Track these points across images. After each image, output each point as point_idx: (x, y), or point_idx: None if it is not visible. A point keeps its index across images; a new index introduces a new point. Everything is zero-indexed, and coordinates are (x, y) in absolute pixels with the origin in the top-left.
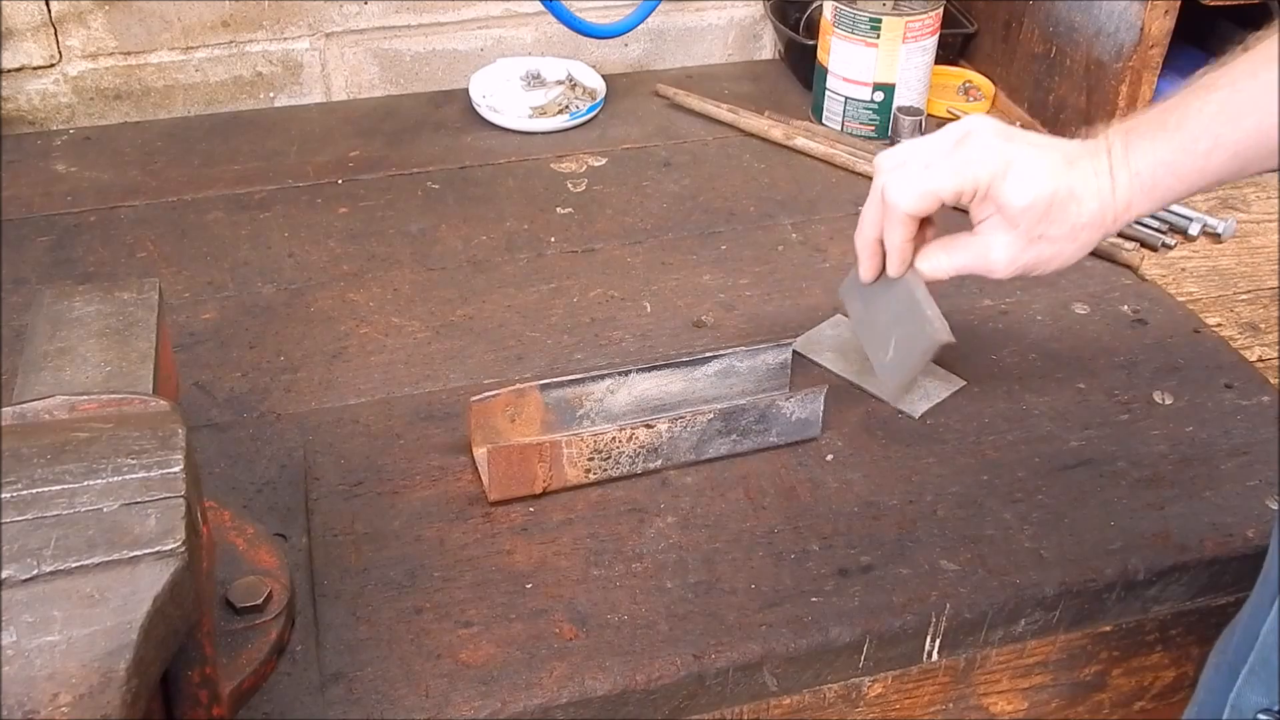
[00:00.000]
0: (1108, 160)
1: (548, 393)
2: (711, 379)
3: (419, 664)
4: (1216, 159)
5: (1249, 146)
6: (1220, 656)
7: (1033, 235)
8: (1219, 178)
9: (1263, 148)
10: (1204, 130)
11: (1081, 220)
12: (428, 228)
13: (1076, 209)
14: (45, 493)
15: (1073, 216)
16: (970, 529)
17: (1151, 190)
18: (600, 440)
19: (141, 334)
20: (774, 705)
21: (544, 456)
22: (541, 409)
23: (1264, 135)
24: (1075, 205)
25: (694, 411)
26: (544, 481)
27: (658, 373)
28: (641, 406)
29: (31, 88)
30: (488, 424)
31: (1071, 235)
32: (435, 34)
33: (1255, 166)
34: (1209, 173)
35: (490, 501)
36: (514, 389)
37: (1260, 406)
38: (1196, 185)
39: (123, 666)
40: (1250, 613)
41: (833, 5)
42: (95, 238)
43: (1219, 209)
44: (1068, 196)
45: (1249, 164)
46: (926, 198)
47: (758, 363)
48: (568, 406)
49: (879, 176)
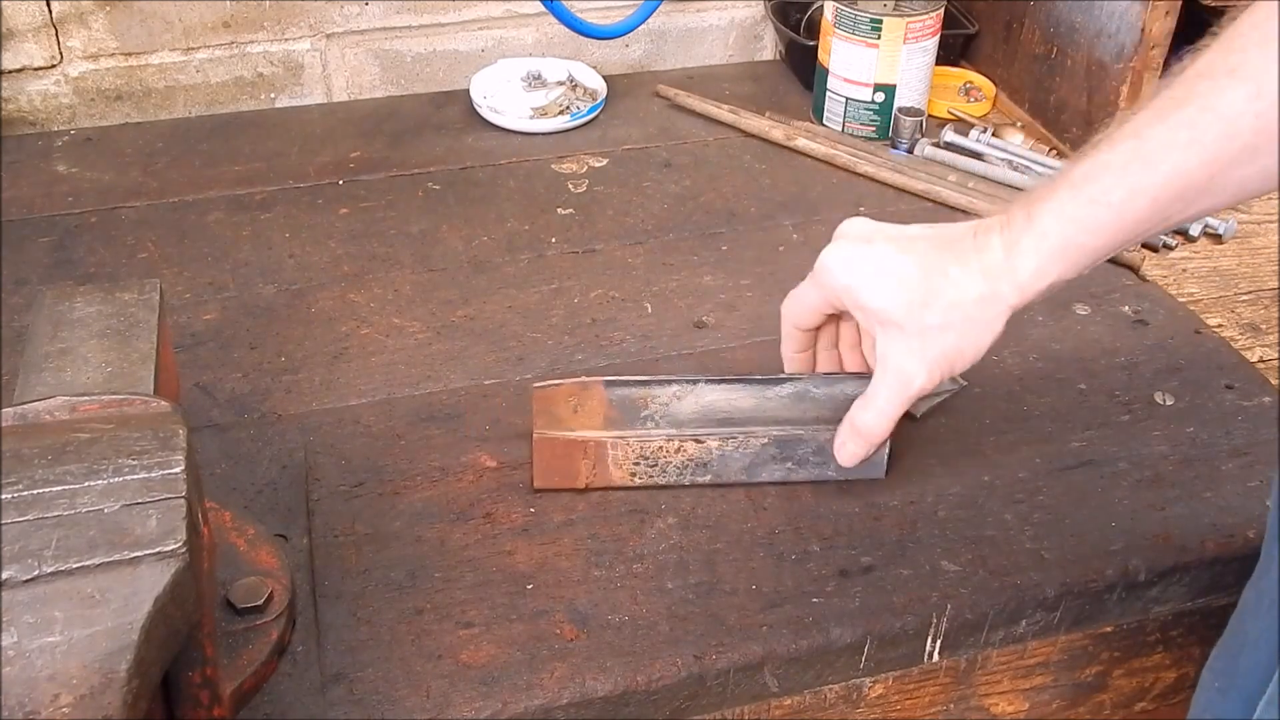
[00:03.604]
0: (1002, 233)
1: (612, 390)
2: (785, 401)
3: (420, 665)
4: (1134, 208)
5: (1169, 192)
6: (1225, 680)
7: (921, 329)
8: (1143, 229)
9: (1186, 191)
10: (1116, 181)
11: (969, 297)
12: (428, 228)
13: (955, 290)
14: (46, 493)
15: (953, 296)
16: (971, 530)
17: (1065, 251)
18: (647, 446)
19: (142, 335)
20: (775, 706)
21: (588, 453)
22: (605, 405)
23: (1183, 179)
24: (953, 287)
25: (747, 433)
26: (587, 478)
27: (726, 386)
28: (708, 418)
29: (32, 88)
30: (550, 411)
31: (966, 317)
32: (436, 35)
33: (1180, 214)
34: (1129, 224)
35: (534, 489)
36: (577, 380)
37: (1261, 407)
38: (1119, 239)
39: (124, 667)
40: (1260, 633)
41: (833, 6)
42: (96, 238)
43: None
44: (941, 280)
45: (1172, 211)
46: (797, 309)
47: (835, 391)
48: (632, 406)
49: None
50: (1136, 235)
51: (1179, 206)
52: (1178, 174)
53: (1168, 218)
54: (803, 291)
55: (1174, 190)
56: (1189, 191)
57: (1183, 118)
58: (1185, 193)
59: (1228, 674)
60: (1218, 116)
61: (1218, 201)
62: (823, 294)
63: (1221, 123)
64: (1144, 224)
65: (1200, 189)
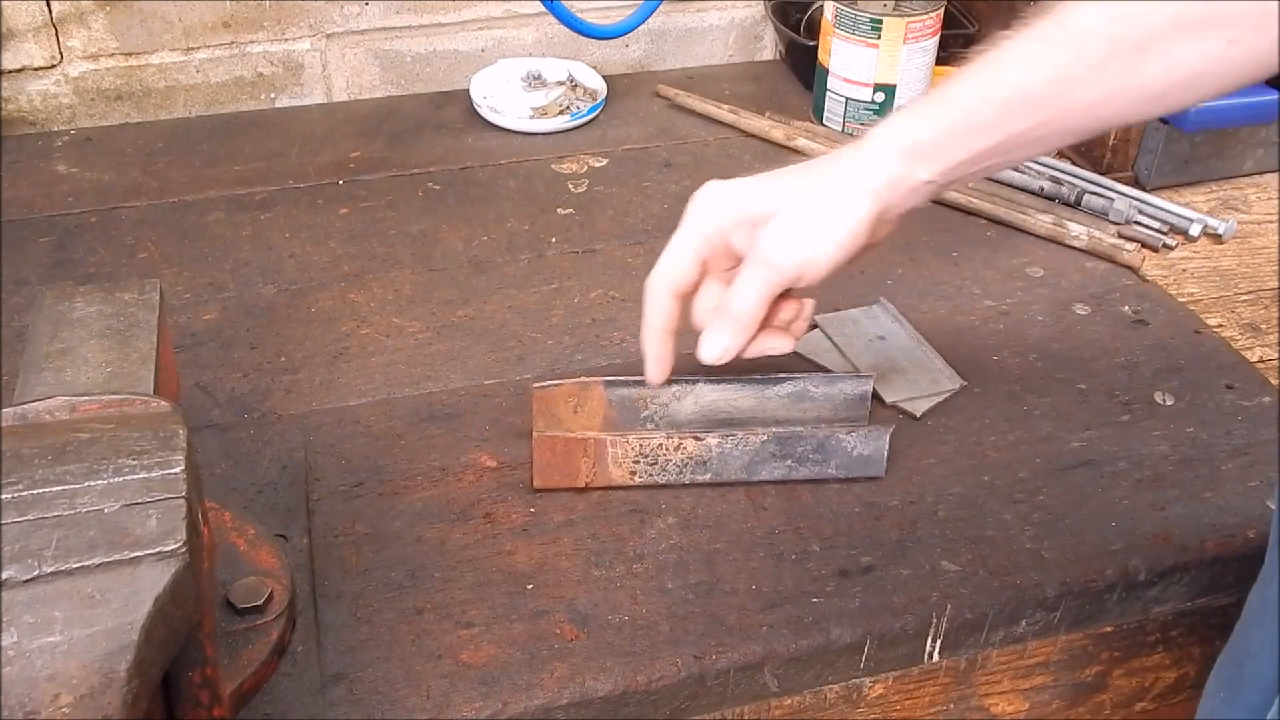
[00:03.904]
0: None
1: (612, 390)
2: (784, 401)
3: (420, 665)
4: (983, 113)
5: (1018, 102)
6: (1231, 689)
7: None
8: (1000, 137)
9: (1037, 104)
10: (967, 86)
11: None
12: (428, 228)
13: (812, 177)
14: (46, 493)
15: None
16: (971, 529)
17: (915, 145)
18: (646, 445)
19: (142, 335)
20: (775, 706)
21: (588, 452)
22: (605, 405)
23: (1032, 90)
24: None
25: (746, 431)
26: (587, 477)
27: (726, 385)
28: (708, 418)
29: (32, 88)
30: (549, 411)
31: (823, 193)
32: (436, 35)
33: (1036, 131)
34: (980, 128)
35: (535, 488)
36: (577, 381)
37: (1261, 407)
38: (974, 144)
39: (124, 667)
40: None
41: (834, 6)
42: (96, 238)
43: (1220, 209)
44: (802, 173)
45: (1024, 123)
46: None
47: (835, 390)
48: (631, 406)
49: None
50: (994, 146)
51: (1030, 119)
52: (1026, 84)
53: (1020, 130)
54: (677, 243)
55: (1022, 100)
56: (1038, 105)
57: (1038, 31)
58: (1034, 105)
59: (1233, 683)
60: (1070, 34)
61: (1072, 124)
62: (701, 229)
63: (1073, 40)
64: (995, 130)
65: (1050, 104)
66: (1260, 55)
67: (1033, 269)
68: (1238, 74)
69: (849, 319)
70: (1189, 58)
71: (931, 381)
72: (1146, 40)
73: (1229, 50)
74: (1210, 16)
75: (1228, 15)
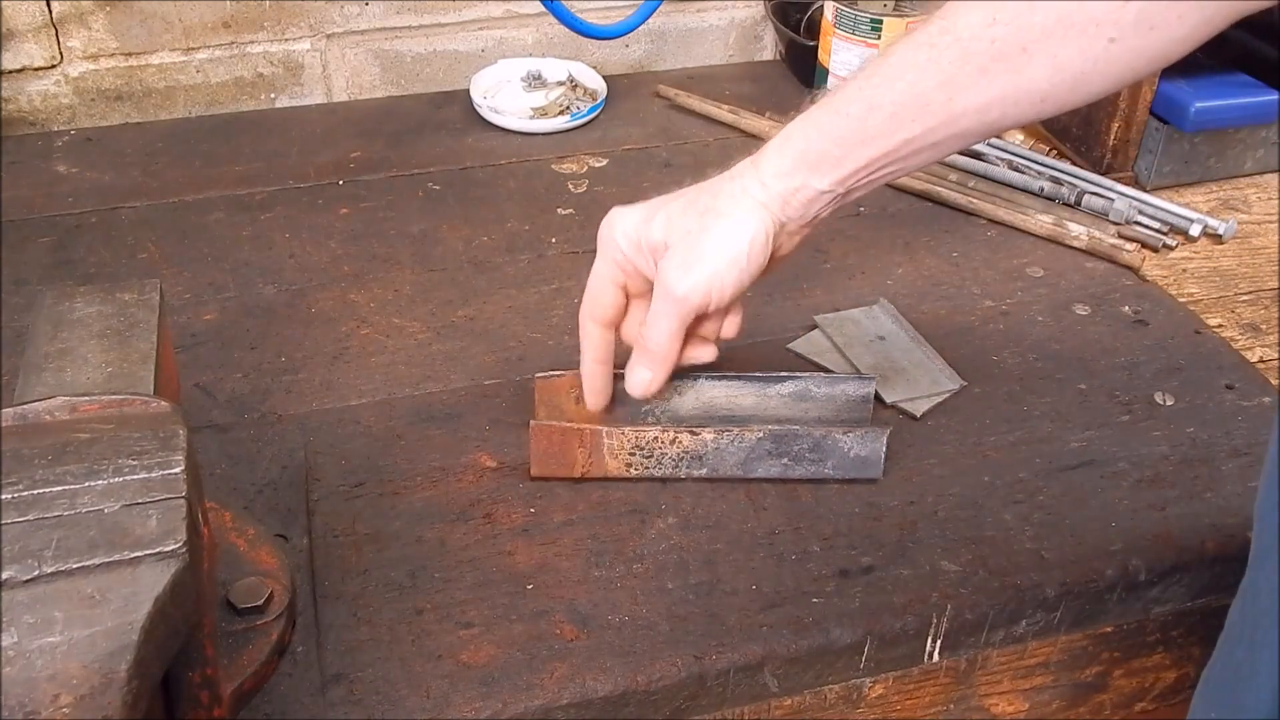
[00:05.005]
0: (753, 156)
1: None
2: (786, 400)
3: (420, 665)
4: (874, 121)
5: (908, 108)
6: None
7: (682, 239)
8: (892, 145)
9: (925, 109)
10: (857, 94)
11: (718, 199)
12: (429, 228)
13: (707, 198)
14: (46, 494)
15: (705, 203)
16: (971, 530)
17: (805, 155)
18: (642, 437)
19: (142, 335)
20: (775, 706)
21: (584, 442)
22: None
23: (920, 96)
24: (705, 195)
25: (742, 427)
26: (583, 467)
27: (727, 382)
28: (709, 414)
29: (33, 88)
30: (551, 401)
31: (717, 215)
32: (436, 35)
33: (929, 138)
34: (872, 136)
35: (531, 476)
36: (577, 372)
37: (1261, 408)
38: (867, 152)
39: (124, 667)
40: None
41: (833, 6)
42: (96, 239)
43: (1220, 209)
44: (696, 194)
45: (915, 130)
46: (593, 296)
47: (837, 391)
48: (633, 399)
49: None
50: (887, 152)
51: (920, 125)
52: (914, 91)
53: (912, 137)
54: (593, 275)
55: (912, 107)
56: (928, 110)
57: (924, 38)
58: (924, 111)
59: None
60: (955, 38)
61: (963, 127)
62: (610, 258)
63: (958, 45)
64: (887, 137)
65: (939, 109)
66: (1146, 52)
67: (1033, 269)
68: (1123, 72)
69: (849, 319)
70: (1073, 58)
71: (931, 382)
72: (1028, 42)
73: (1112, 49)
74: (1090, 17)
75: (1105, 15)
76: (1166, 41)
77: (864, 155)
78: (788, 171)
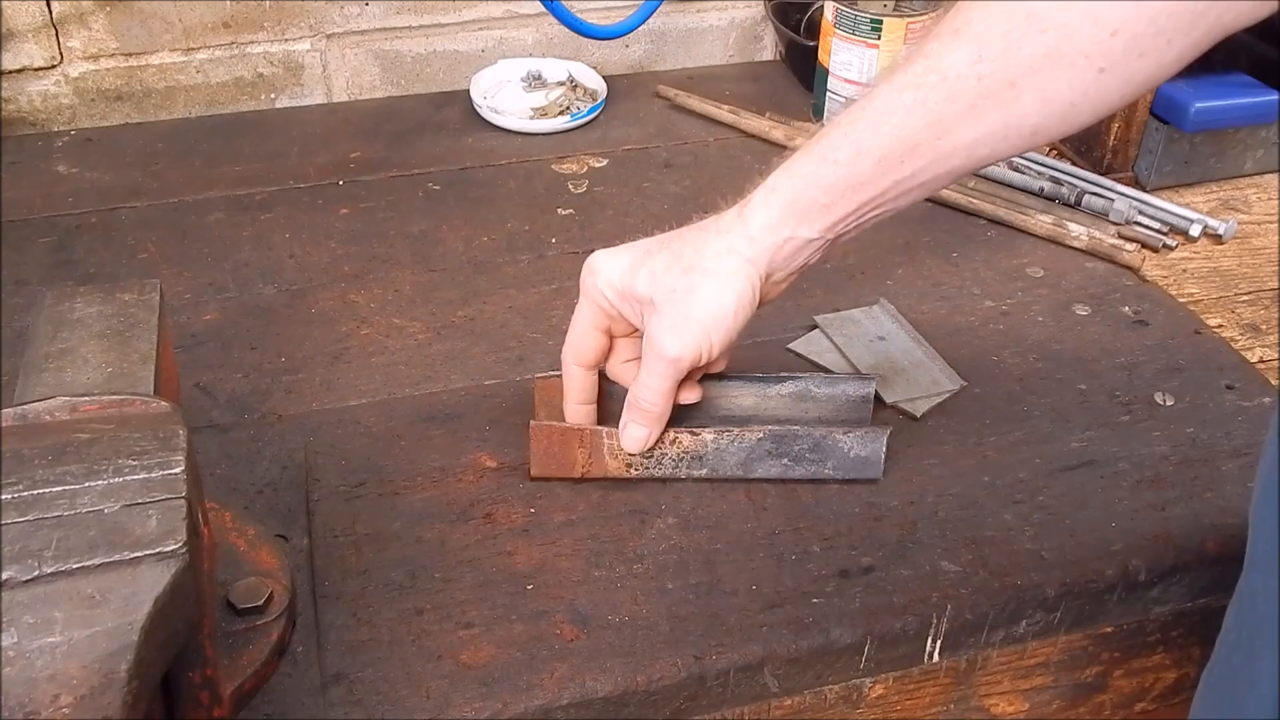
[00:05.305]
0: (739, 201)
1: (611, 383)
2: (786, 400)
3: (420, 665)
4: (862, 167)
5: (895, 151)
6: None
7: (668, 297)
8: (880, 188)
9: (914, 151)
10: (843, 140)
11: (704, 256)
12: (429, 229)
13: (693, 252)
14: (46, 494)
15: (690, 258)
16: (971, 530)
17: (794, 205)
18: None
19: (143, 335)
20: (775, 706)
21: (584, 443)
22: (606, 397)
23: (909, 138)
24: (690, 249)
25: (742, 428)
26: (583, 467)
27: (727, 382)
28: (709, 414)
29: (33, 89)
30: (551, 401)
31: (704, 273)
32: (436, 35)
33: (918, 177)
34: (861, 182)
35: (531, 477)
36: None
37: (1261, 408)
38: (855, 197)
39: (124, 668)
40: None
41: (834, 6)
42: (96, 239)
43: (1220, 210)
44: (680, 246)
45: (904, 171)
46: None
47: (837, 392)
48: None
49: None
50: (877, 196)
51: (910, 166)
52: (902, 133)
53: (902, 179)
54: (575, 319)
55: (900, 149)
56: (917, 151)
57: (908, 78)
58: (913, 152)
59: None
60: (941, 78)
61: (953, 165)
62: (594, 303)
63: (945, 84)
64: (876, 182)
65: (928, 149)
66: (1137, 78)
67: (1033, 269)
68: (1114, 99)
69: (849, 319)
70: (1062, 91)
71: (931, 382)
72: (1017, 77)
73: (1103, 78)
74: (1079, 49)
75: (1094, 47)
76: (1157, 66)
77: (854, 201)
78: (775, 224)
